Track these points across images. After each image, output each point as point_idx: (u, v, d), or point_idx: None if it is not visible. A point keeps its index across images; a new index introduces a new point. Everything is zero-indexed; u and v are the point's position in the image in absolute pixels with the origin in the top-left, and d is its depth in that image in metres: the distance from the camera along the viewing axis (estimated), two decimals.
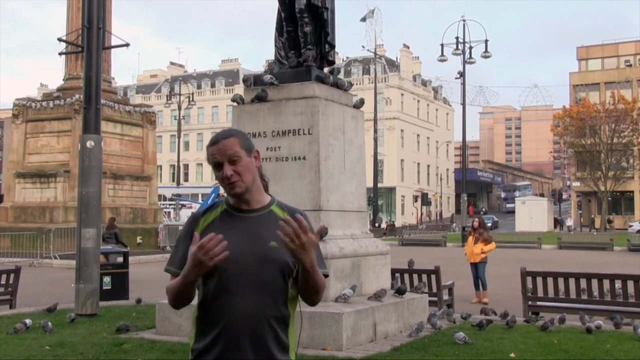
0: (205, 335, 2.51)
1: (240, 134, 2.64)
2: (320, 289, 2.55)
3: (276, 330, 2.50)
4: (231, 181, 2.54)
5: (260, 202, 2.63)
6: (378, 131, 56.76)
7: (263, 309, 2.48)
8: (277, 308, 2.51)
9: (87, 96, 11.61)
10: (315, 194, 8.59)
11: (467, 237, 14.54)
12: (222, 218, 2.60)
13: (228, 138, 2.59)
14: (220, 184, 2.61)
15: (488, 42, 41.15)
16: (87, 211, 11.17)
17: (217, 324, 2.48)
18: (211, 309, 2.51)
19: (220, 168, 2.56)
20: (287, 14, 9.45)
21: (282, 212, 2.63)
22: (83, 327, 9.57)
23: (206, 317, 2.53)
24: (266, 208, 2.62)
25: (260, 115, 9.11)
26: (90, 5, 11.85)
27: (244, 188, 2.56)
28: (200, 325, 2.54)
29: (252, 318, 2.46)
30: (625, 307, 9.94)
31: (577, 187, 66.17)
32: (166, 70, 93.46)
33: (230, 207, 2.62)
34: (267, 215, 2.60)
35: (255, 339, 2.46)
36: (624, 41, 70.62)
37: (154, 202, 32.09)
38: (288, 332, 2.56)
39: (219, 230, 2.51)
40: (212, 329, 2.49)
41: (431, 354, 7.43)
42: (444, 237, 40.93)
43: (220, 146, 2.57)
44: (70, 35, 23.84)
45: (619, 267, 21.00)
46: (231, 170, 2.54)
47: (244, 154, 2.58)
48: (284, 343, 2.53)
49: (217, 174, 2.59)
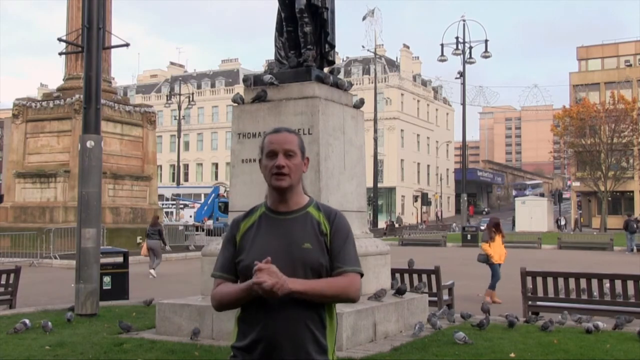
0: (245, 336, 2.58)
1: (300, 136, 2.73)
2: (337, 294, 2.57)
3: (314, 332, 2.54)
4: (281, 172, 2.59)
5: (299, 204, 2.68)
6: (378, 131, 56.75)
7: (300, 312, 2.52)
8: (315, 310, 2.56)
9: (87, 96, 11.62)
10: (315, 194, 8.58)
11: (491, 237, 14.03)
12: (261, 221, 2.67)
13: (291, 133, 2.69)
14: (264, 173, 2.65)
15: (488, 42, 41.20)
16: (87, 211, 11.18)
17: (257, 325, 2.54)
18: (251, 310, 2.56)
19: (273, 157, 2.62)
20: (287, 14, 9.45)
21: (318, 213, 2.67)
22: (83, 327, 9.57)
23: (247, 318, 2.59)
24: (303, 209, 2.67)
25: (260, 115, 9.11)
26: (90, 5, 11.85)
27: (289, 183, 2.61)
28: (242, 325, 2.61)
29: (290, 321, 2.51)
30: (625, 307, 9.94)
31: (577, 187, 66.15)
32: (166, 70, 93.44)
33: (269, 210, 2.68)
34: (303, 216, 2.65)
35: (294, 341, 2.51)
36: (624, 41, 70.59)
37: (154, 202, 32.08)
38: (326, 333, 2.60)
39: (256, 234, 2.63)
40: (252, 330, 2.56)
41: (431, 354, 7.43)
42: (444, 237, 40.91)
43: (281, 137, 2.65)
44: (70, 35, 23.83)
45: (619, 267, 21.00)
46: (285, 162, 2.60)
47: (299, 153, 2.66)
48: (323, 345, 2.57)
49: (267, 162, 2.63)
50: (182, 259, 26.70)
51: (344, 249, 2.62)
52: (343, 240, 2.64)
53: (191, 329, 8.32)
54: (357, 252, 2.69)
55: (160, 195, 39.45)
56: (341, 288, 2.56)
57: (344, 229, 2.67)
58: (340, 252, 2.61)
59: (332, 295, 2.55)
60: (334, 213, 2.69)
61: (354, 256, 2.64)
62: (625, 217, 38.23)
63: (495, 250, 13.95)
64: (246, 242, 2.64)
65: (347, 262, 2.61)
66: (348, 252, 2.63)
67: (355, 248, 2.68)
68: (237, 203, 8.98)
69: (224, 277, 2.66)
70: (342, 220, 2.69)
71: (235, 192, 9.24)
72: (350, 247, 2.65)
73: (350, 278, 2.59)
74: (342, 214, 2.74)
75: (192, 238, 32.35)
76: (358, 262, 2.65)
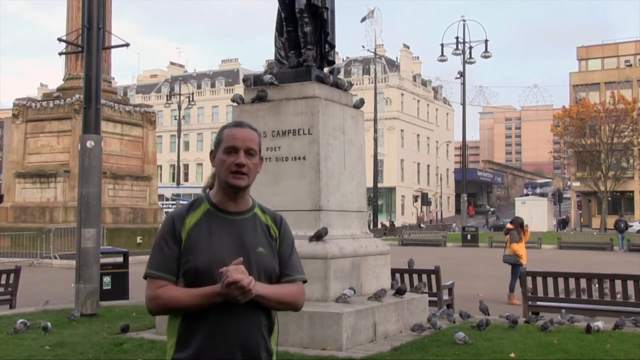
0: (189, 345, 2.37)
1: (260, 134, 2.59)
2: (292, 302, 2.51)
3: (265, 338, 2.45)
4: (241, 171, 2.45)
5: (247, 204, 2.57)
6: (378, 131, 56.72)
7: (257, 317, 2.42)
8: (267, 315, 2.47)
9: (87, 96, 11.61)
10: (315, 194, 8.58)
11: (518, 238, 13.89)
12: (208, 219, 2.49)
13: (252, 130, 2.54)
14: (220, 168, 2.49)
15: (488, 42, 41.21)
16: (87, 211, 11.17)
17: (204, 332, 2.36)
18: (196, 316, 2.37)
19: (232, 153, 2.47)
20: (287, 14, 9.45)
21: (264, 215, 2.59)
22: (83, 327, 9.57)
23: (192, 326, 2.38)
24: (250, 211, 2.56)
25: (260, 115, 9.11)
26: (90, 5, 11.85)
27: (247, 183, 2.49)
28: (184, 333, 2.39)
29: (244, 326, 2.38)
30: (625, 307, 9.94)
31: (577, 187, 66.16)
32: (166, 70, 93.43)
33: (214, 207, 2.52)
34: (252, 218, 2.54)
35: (247, 347, 2.38)
36: (624, 41, 70.61)
37: (154, 202, 32.07)
38: (271, 338, 2.50)
39: (207, 233, 2.45)
40: (196, 337, 2.36)
41: (431, 354, 7.43)
42: (444, 237, 40.92)
43: (245, 133, 2.50)
44: (70, 35, 23.82)
45: (619, 267, 21.00)
46: (246, 161, 2.47)
47: (258, 152, 2.55)
48: (271, 350, 2.48)
49: (225, 157, 2.47)
50: None
51: (292, 256, 2.57)
52: (291, 247, 2.59)
53: None
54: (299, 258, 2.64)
55: (160, 195, 39.46)
56: (295, 296, 2.52)
57: (290, 234, 2.63)
58: (289, 259, 2.56)
59: (288, 303, 2.49)
60: (279, 217, 2.62)
61: (300, 263, 2.61)
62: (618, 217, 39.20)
63: (523, 251, 13.88)
64: (195, 242, 2.43)
65: (297, 270, 2.56)
66: (295, 260, 2.58)
67: (298, 254, 2.63)
68: None
69: (165, 278, 2.42)
70: (288, 225, 2.64)
71: None
72: (296, 254, 2.61)
73: (300, 287, 2.55)
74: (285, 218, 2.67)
75: None
76: (303, 269, 2.62)
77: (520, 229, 14.06)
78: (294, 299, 2.50)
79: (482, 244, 37.34)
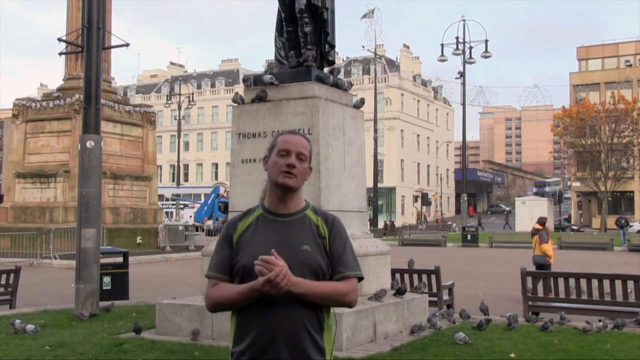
0: (243, 339, 2.55)
1: (311, 144, 2.77)
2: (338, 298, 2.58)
3: (312, 333, 2.53)
4: (291, 172, 2.60)
5: (297, 207, 2.68)
6: (378, 131, 56.70)
7: (300, 312, 2.51)
8: (313, 311, 2.55)
9: (87, 96, 11.62)
10: (315, 194, 8.58)
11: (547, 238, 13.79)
12: (258, 222, 2.66)
13: (306, 139, 2.72)
14: (272, 169, 2.64)
15: (488, 42, 41.21)
16: (87, 211, 11.18)
17: (256, 326, 2.52)
18: (249, 312, 2.54)
19: (285, 156, 2.62)
20: (287, 14, 9.45)
21: (316, 217, 2.69)
22: (83, 327, 9.58)
23: (244, 321, 2.56)
24: (301, 212, 2.68)
25: (261, 115, 9.11)
26: (90, 5, 11.85)
27: (296, 184, 2.62)
28: (240, 327, 2.58)
29: (288, 322, 2.49)
30: (625, 307, 9.94)
31: (577, 187, 66.15)
32: (166, 70, 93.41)
33: (266, 212, 2.68)
34: (301, 219, 2.66)
35: (291, 343, 2.49)
36: (624, 41, 70.60)
37: (154, 202, 32.08)
38: (324, 335, 2.59)
39: (254, 235, 2.61)
40: (251, 331, 2.53)
41: (431, 354, 7.43)
42: (444, 237, 40.89)
43: (297, 139, 2.68)
44: (70, 35, 23.83)
45: (619, 267, 21.01)
46: (296, 163, 2.61)
47: (308, 160, 2.69)
48: (321, 346, 2.56)
49: (277, 159, 2.62)
50: (182, 259, 26.70)
51: (344, 254, 2.65)
52: (343, 245, 2.67)
53: (191, 329, 8.32)
54: (355, 256, 2.71)
55: (160, 195, 39.44)
56: (343, 293, 2.58)
57: (343, 233, 2.71)
58: (341, 256, 2.64)
59: (333, 299, 2.57)
60: (332, 217, 2.72)
61: (355, 261, 2.68)
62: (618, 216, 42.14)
63: (552, 251, 13.82)
64: (243, 243, 2.62)
65: (349, 266, 2.64)
66: (349, 257, 2.66)
67: (354, 252, 2.71)
68: (237, 203, 8.97)
69: (220, 278, 2.62)
70: (341, 225, 2.73)
71: (235, 192, 9.24)
72: (350, 252, 2.68)
73: (351, 283, 2.62)
74: (340, 219, 2.76)
75: (192, 238, 32.33)
76: (359, 266, 2.69)
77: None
78: (340, 295, 2.57)
79: (482, 244, 37.35)
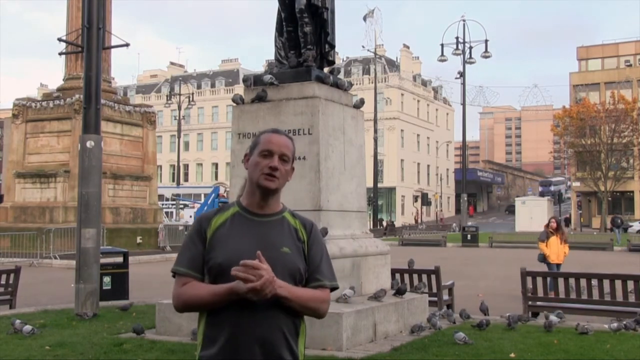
0: (215, 341, 2.43)
1: (294, 144, 2.69)
2: (316, 307, 2.51)
3: (288, 339, 2.45)
4: (273, 174, 2.52)
5: (276, 208, 2.62)
6: (378, 131, 56.72)
7: (278, 317, 2.43)
8: (291, 317, 2.47)
9: (87, 96, 11.62)
10: (315, 194, 8.59)
11: (548, 237, 13.85)
12: (235, 220, 2.56)
13: (288, 138, 2.63)
14: (254, 170, 2.56)
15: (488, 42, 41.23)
16: (87, 211, 11.18)
17: (227, 330, 2.41)
18: (222, 314, 2.43)
19: (267, 157, 2.54)
20: (287, 14, 9.45)
21: (294, 220, 2.63)
22: (83, 327, 9.57)
23: (216, 322, 2.45)
24: (279, 214, 2.61)
25: (260, 115, 9.11)
26: (90, 5, 11.85)
27: (278, 186, 2.56)
28: (209, 330, 2.46)
29: (265, 326, 2.41)
30: (625, 307, 9.94)
31: (577, 187, 66.16)
32: (166, 70, 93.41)
33: (244, 210, 2.59)
34: (280, 220, 2.59)
35: (267, 347, 2.40)
36: (624, 41, 70.60)
37: (154, 202, 32.08)
38: (298, 341, 2.52)
39: (230, 233, 2.51)
40: (222, 334, 2.42)
41: (431, 354, 7.43)
42: (444, 237, 40.89)
43: (281, 139, 2.59)
44: (70, 35, 23.83)
45: (619, 267, 21.01)
46: (279, 165, 2.54)
47: (291, 161, 2.62)
48: (295, 353, 2.48)
49: (259, 160, 2.54)
50: None
51: (322, 262, 2.58)
52: (321, 252, 2.60)
53: (191, 329, 8.31)
54: (332, 266, 2.65)
55: (160, 195, 39.44)
56: (319, 302, 2.52)
57: (321, 240, 2.64)
58: (319, 264, 2.57)
59: (311, 307, 2.50)
60: (310, 222, 2.66)
61: (331, 271, 2.61)
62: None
63: (552, 250, 13.85)
64: (218, 240, 2.51)
65: (326, 276, 2.57)
66: (327, 266, 2.59)
67: (330, 261, 2.64)
68: None
69: (191, 275, 2.49)
70: (319, 232, 2.67)
71: (235, 192, 9.24)
72: (327, 261, 2.61)
73: (326, 293, 2.56)
74: (317, 225, 2.71)
75: None
76: (335, 277, 2.62)
77: (557, 231, 14.05)
78: (317, 304, 2.51)
79: (482, 244, 37.35)
